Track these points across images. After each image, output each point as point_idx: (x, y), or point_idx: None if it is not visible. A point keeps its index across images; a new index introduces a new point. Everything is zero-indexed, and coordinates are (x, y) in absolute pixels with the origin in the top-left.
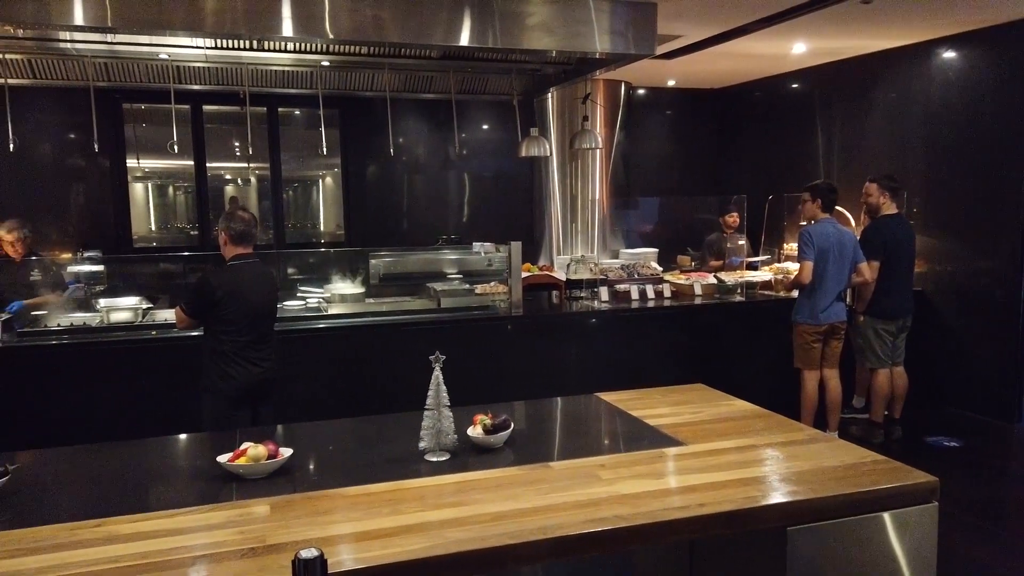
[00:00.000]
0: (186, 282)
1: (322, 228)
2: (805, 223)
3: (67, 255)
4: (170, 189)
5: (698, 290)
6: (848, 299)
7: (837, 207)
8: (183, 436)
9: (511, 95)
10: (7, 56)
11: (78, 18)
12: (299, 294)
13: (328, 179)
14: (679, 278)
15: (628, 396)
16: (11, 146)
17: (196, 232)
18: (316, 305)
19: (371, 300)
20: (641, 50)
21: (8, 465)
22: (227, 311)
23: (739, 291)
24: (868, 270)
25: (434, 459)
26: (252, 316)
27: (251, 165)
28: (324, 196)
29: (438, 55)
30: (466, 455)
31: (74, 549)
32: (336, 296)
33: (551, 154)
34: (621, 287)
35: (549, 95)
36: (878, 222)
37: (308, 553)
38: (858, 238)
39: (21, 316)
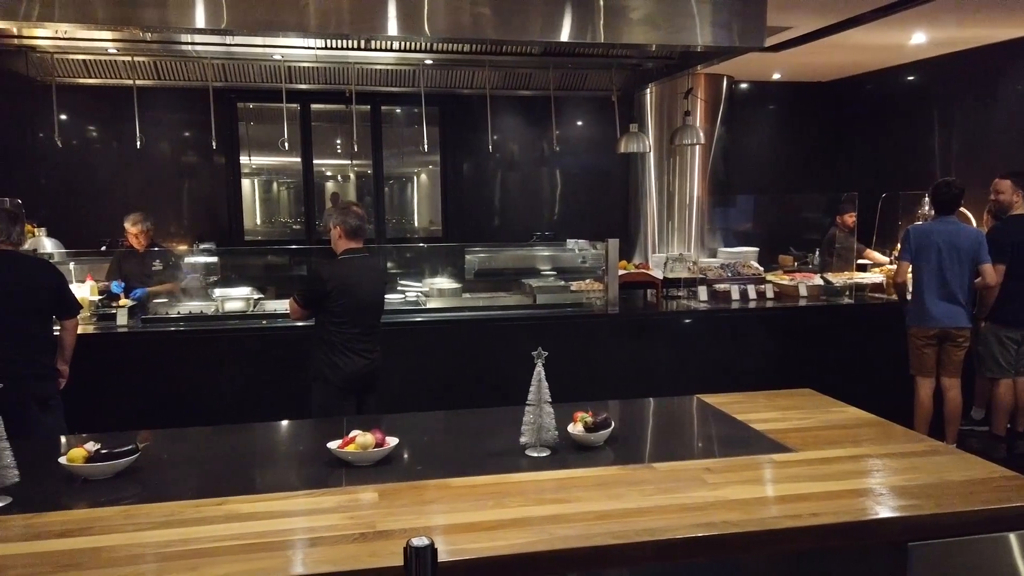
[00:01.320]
0: (292, 274)
1: (416, 224)
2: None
3: (183, 247)
4: (274, 185)
5: (803, 291)
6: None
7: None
8: (294, 422)
9: (610, 91)
10: (135, 59)
11: (199, 21)
12: (399, 288)
13: (423, 176)
14: (783, 278)
15: (731, 399)
16: (138, 143)
17: (299, 227)
18: (415, 299)
19: (467, 295)
20: (749, 43)
21: (138, 443)
22: (337, 303)
23: (848, 293)
24: (991, 273)
25: (535, 455)
26: (361, 308)
27: (353, 162)
28: (419, 192)
29: (539, 51)
30: (566, 452)
31: (199, 525)
32: (434, 290)
33: (649, 150)
34: (721, 287)
35: (648, 90)
36: (1005, 222)
37: (419, 542)
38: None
39: (144, 303)
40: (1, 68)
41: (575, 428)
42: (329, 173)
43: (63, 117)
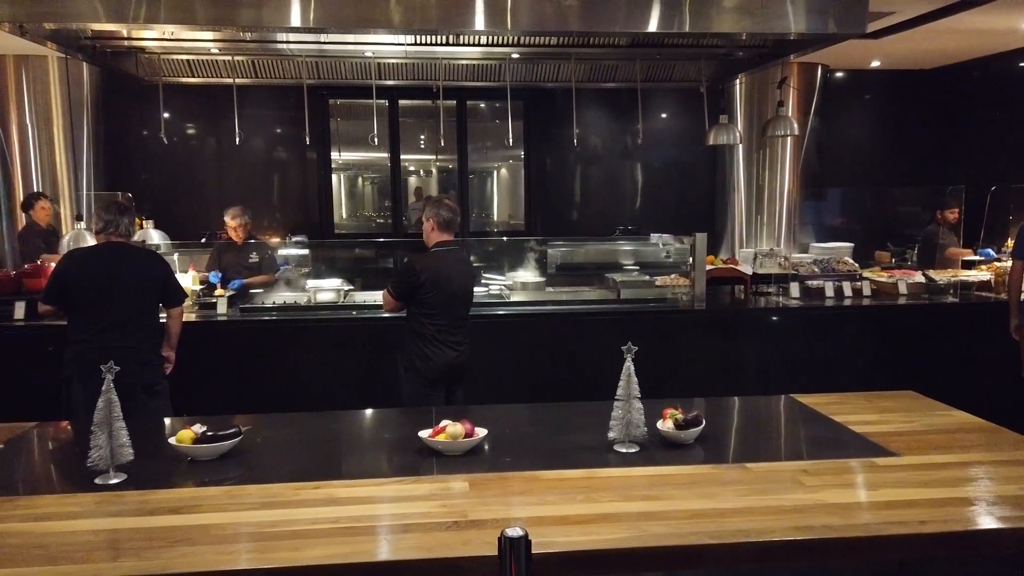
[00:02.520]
0: (380, 267)
1: (496, 217)
2: None
3: (276, 239)
4: (359, 179)
5: (903, 289)
6: None
7: None
8: (384, 410)
9: (699, 82)
10: (235, 58)
11: (294, 20)
12: (483, 281)
13: (503, 170)
14: (881, 275)
15: (826, 399)
16: (237, 140)
17: (382, 220)
18: (498, 292)
19: (550, 289)
20: (849, 30)
21: (240, 427)
22: (428, 295)
23: (952, 292)
24: None
25: (623, 450)
26: (451, 301)
27: (438, 157)
28: (500, 186)
29: (626, 43)
30: (655, 449)
31: (299, 507)
32: (517, 284)
33: (739, 142)
34: (814, 283)
35: (737, 81)
36: None
37: (514, 532)
38: None
39: (242, 293)
40: (113, 69)
41: (665, 425)
42: (412, 168)
43: (168, 115)
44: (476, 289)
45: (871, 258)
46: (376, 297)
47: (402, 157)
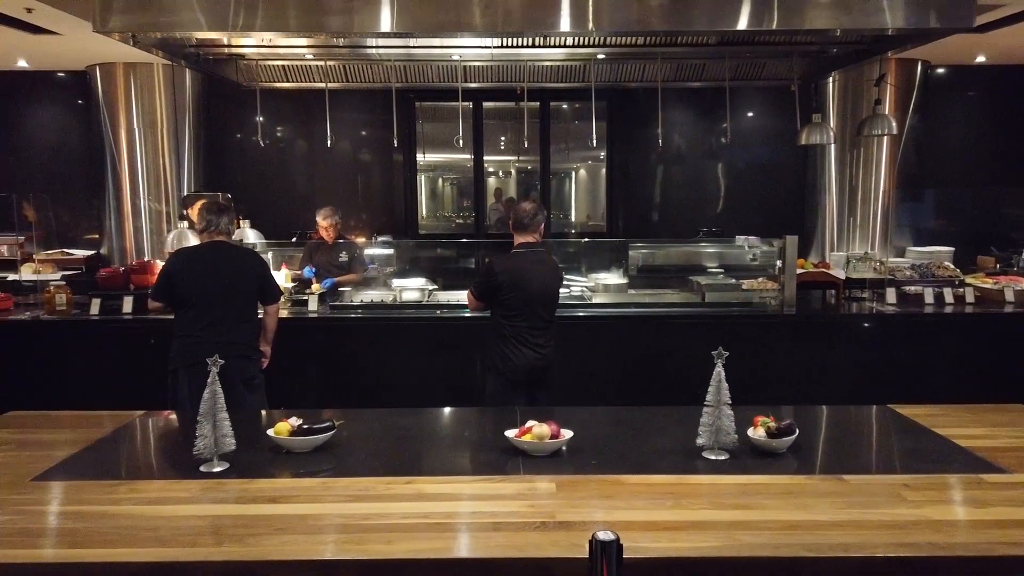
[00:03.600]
0: (462, 267)
1: (574, 218)
2: None
3: (361, 239)
4: (439, 180)
5: (1010, 296)
6: None
7: None
8: (470, 409)
9: (789, 79)
10: (327, 63)
11: (384, 25)
12: (565, 282)
13: (582, 171)
14: (985, 281)
15: (927, 411)
16: (328, 142)
17: (461, 221)
18: (580, 294)
19: (632, 291)
20: (954, 24)
21: (333, 421)
22: (507, 296)
23: None
24: None
25: (712, 457)
26: (530, 302)
27: (520, 158)
28: (578, 187)
29: (715, 41)
30: (745, 457)
31: (390, 501)
32: (599, 285)
33: (833, 142)
34: (912, 289)
35: (830, 78)
36: None
37: (605, 535)
38: None
39: (332, 291)
40: (215, 75)
41: (756, 433)
42: (491, 169)
43: (263, 119)
44: None
45: (973, 263)
46: (459, 297)
47: (485, 158)
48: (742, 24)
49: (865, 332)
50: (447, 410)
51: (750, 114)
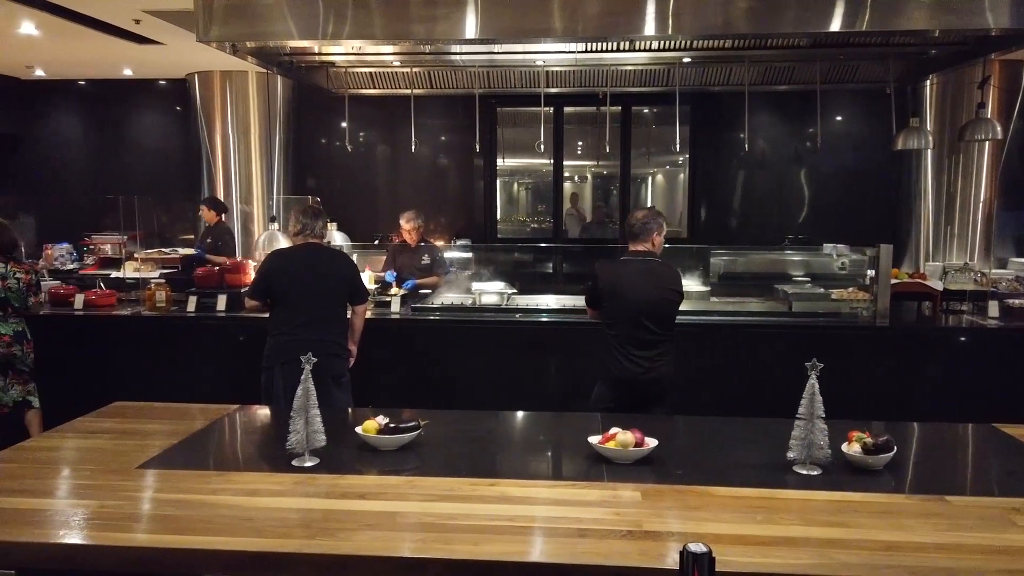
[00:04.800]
0: (538, 271)
1: None
2: None
3: (441, 243)
4: (514, 185)
5: None
6: None
7: None
8: (552, 413)
9: (884, 82)
10: (413, 70)
11: (469, 32)
12: None
13: (659, 176)
14: None
15: None
16: (413, 147)
17: (536, 225)
18: None
19: (715, 299)
20: None
21: (420, 420)
22: (607, 304)
23: None
24: None
25: (803, 472)
26: (629, 313)
27: (599, 162)
28: (655, 192)
29: (806, 43)
30: (839, 472)
31: (475, 503)
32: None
33: (930, 147)
34: (1016, 302)
35: (928, 81)
36: None
37: (696, 547)
38: None
39: (413, 293)
40: (307, 83)
41: (851, 448)
42: (567, 174)
43: (348, 125)
44: None
45: None
46: (537, 301)
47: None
48: (835, 25)
49: (964, 347)
50: (528, 414)
51: (839, 118)
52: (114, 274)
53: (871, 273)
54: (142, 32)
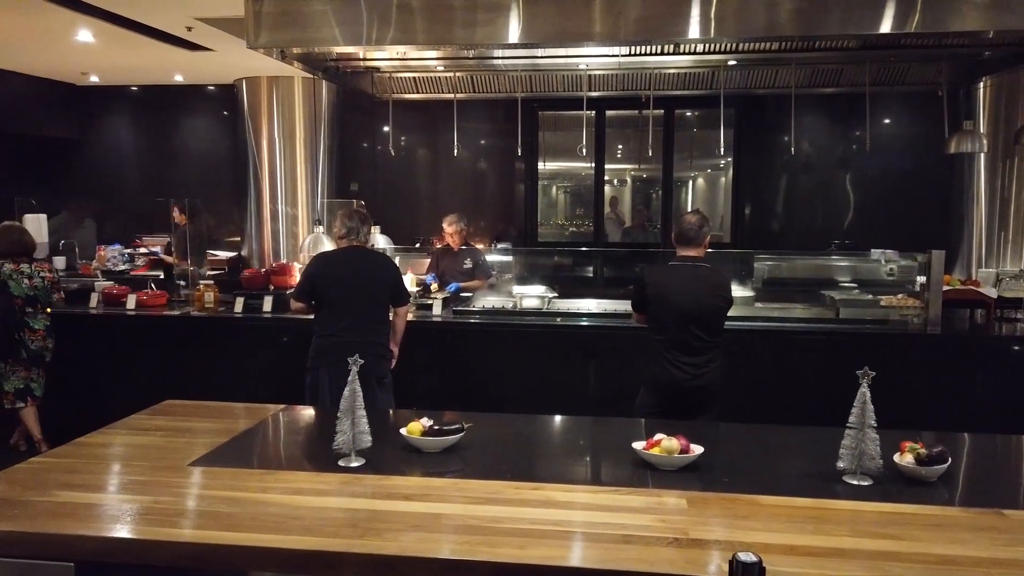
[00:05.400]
0: (579, 275)
1: None
2: None
3: (481, 246)
4: (553, 188)
5: None
6: None
7: None
8: (596, 418)
9: (936, 84)
10: (456, 75)
11: (512, 36)
12: None
13: (700, 180)
14: None
15: None
16: (455, 151)
17: (574, 228)
18: None
19: (759, 304)
20: None
21: (463, 423)
22: (654, 309)
23: None
24: None
25: (854, 482)
26: (675, 318)
27: (641, 166)
28: (695, 196)
29: (856, 45)
30: (890, 484)
31: (520, 506)
32: None
33: (985, 150)
34: None
35: (982, 83)
36: None
37: (747, 557)
38: None
39: (455, 296)
40: (352, 87)
41: (904, 459)
42: (606, 177)
43: (392, 129)
44: None
45: None
46: (578, 305)
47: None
48: (885, 27)
49: (1018, 355)
50: (570, 418)
51: (887, 120)
52: (163, 275)
53: (921, 279)
54: (193, 39)
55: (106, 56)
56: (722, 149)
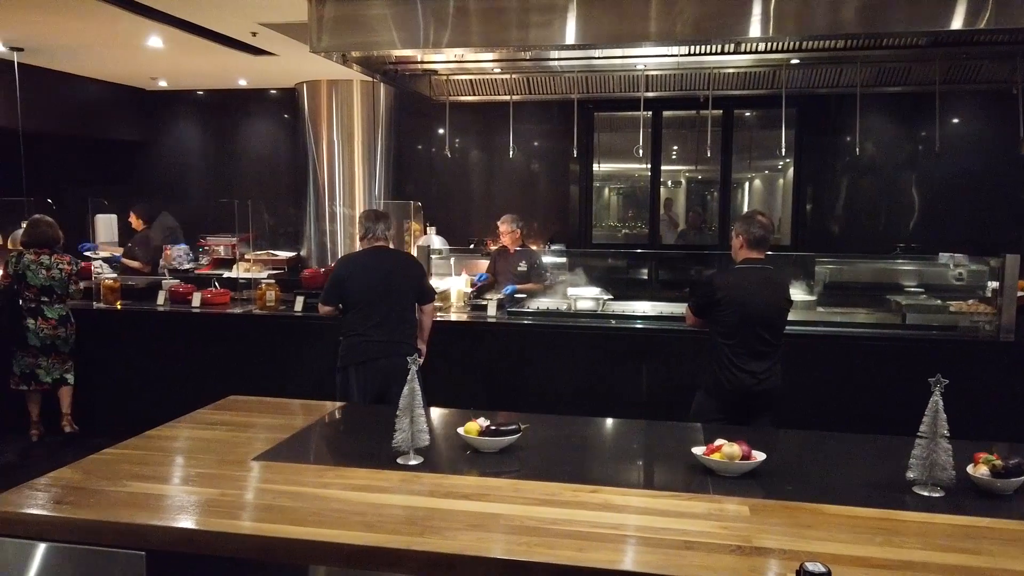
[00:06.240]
0: (634, 277)
1: None
2: None
3: (534, 247)
4: (606, 190)
5: None
6: None
7: None
8: (651, 422)
9: (1012, 82)
10: (512, 77)
11: (570, 37)
12: None
13: (756, 181)
14: None
15: None
16: (511, 153)
17: (628, 230)
18: None
19: (821, 309)
20: None
21: (520, 424)
22: (724, 313)
23: None
24: None
25: (925, 493)
26: (749, 323)
27: (698, 167)
28: (752, 198)
29: (925, 42)
30: (962, 496)
31: (577, 508)
32: None
33: None
34: None
35: None
36: None
37: (815, 567)
38: None
39: (511, 298)
40: (410, 90)
41: (978, 471)
42: (661, 179)
43: (449, 131)
44: None
45: None
46: (633, 308)
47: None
48: (956, 23)
49: None
50: (626, 421)
51: (956, 120)
52: (226, 274)
53: (993, 285)
54: (257, 44)
55: (174, 61)
56: (783, 150)
